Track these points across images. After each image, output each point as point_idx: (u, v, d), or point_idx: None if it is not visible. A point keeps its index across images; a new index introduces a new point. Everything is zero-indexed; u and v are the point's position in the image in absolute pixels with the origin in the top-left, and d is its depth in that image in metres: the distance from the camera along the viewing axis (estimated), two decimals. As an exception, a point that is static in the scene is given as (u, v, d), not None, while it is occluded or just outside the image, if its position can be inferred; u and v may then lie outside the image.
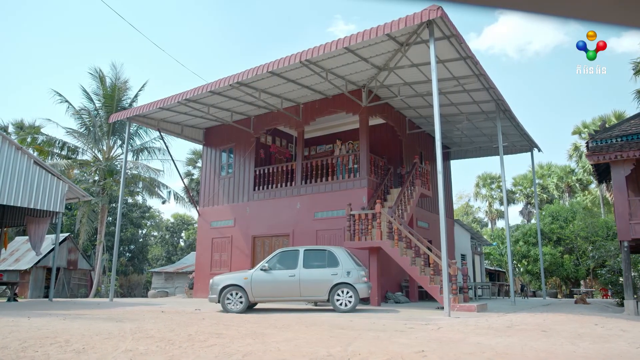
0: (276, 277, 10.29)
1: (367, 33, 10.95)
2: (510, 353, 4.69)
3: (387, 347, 5.14)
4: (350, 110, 15.47)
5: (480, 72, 12.79)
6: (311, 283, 10.21)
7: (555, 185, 41.64)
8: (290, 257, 10.60)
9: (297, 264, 10.34)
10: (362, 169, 14.87)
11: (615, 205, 11.18)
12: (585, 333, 6.13)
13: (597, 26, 1.07)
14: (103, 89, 25.29)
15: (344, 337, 5.96)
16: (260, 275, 10.31)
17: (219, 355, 4.60)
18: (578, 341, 5.40)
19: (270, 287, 10.25)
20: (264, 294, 10.29)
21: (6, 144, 13.31)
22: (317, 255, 10.62)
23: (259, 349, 4.96)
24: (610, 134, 12.45)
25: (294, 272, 10.26)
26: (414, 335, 6.17)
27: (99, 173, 25.25)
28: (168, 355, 4.62)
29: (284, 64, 12.45)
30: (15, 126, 32.52)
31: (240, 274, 10.58)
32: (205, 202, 18.89)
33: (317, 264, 10.42)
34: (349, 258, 10.50)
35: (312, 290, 10.23)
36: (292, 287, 10.17)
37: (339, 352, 4.81)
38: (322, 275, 10.25)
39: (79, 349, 4.92)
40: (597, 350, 4.79)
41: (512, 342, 5.41)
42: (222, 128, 18.78)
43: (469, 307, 10.61)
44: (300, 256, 10.47)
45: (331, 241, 14.78)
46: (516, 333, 6.32)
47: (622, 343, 5.23)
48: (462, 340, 5.73)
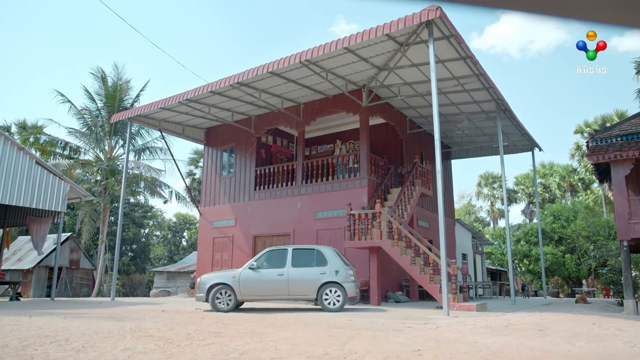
0: (265, 276, 10.26)
1: (367, 33, 10.98)
2: (506, 352, 4.72)
3: (384, 346, 5.17)
4: (350, 110, 15.50)
5: (480, 71, 12.80)
6: (300, 282, 10.22)
7: (558, 185, 41.60)
8: (279, 256, 10.57)
9: (286, 263, 10.35)
10: (363, 168, 14.90)
11: (615, 204, 11.18)
12: (582, 332, 6.15)
13: (597, 26, 1.07)
14: (105, 89, 25.39)
15: (341, 336, 5.99)
16: (249, 274, 10.26)
17: (216, 353, 4.64)
18: (574, 340, 5.43)
19: (258, 285, 10.22)
20: (252, 292, 10.26)
21: (8, 144, 13.39)
22: (306, 255, 10.64)
23: (256, 348, 5.00)
24: (610, 134, 12.44)
25: (283, 271, 10.25)
26: (411, 335, 6.20)
27: (100, 173, 25.34)
28: (166, 353, 4.66)
29: (284, 64, 12.49)
30: (18, 126, 32.69)
31: (228, 273, 10.51)
32: (207, 202, 18.95)
33: (305, 263, 10.45)
34: (337, 257, 10.54)
35: (301, 289, 10.25)
36: (280, 286, 10.16)
37: (336, 350, 4.85)
38: (311, 274, 10.26)
39: (78, 347, 4.97)
40: (592, 349, 4.81)
41: (508, 342, 5.44)
42: (223, 128, 18.83)
43: (468, 306, 10.64)
44: (289, 255, 10.48)
45: (332, 241, 14.84)
46: (513, 332, 6.34)
47: (618, 342, 5.25)
48: (459, 339, 5.76)
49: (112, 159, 25.42)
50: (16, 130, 32.45)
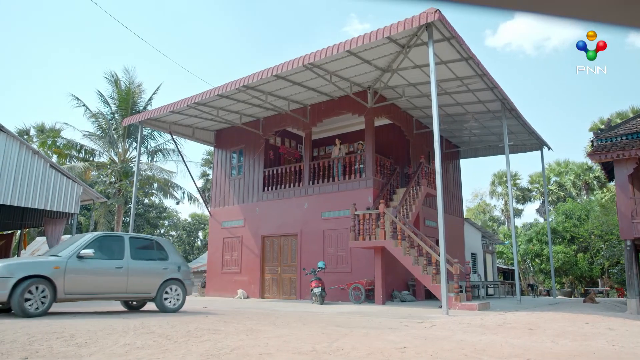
0: (98, 267, 8.40)
1: (368, 36, 11.15)
2: (488, 350, 4.87)
3: (372, 343, 5.35)
4: (356, 112, 15.66)
5: (482, 72, 12.85)
6: (141, 277, 8.87)
7: (573, 183, 41.09)
8: (114, 244, 8.90)
9: (124, 254, 8.81)
10: (368, 169, 15.06)
11: (618, 204, 11.15)
12: (570, 331, 6.25)
13: (597, 26, 1.07)
14: (118, 93, 25.97)
15: (335, 334, 6.19)
16: (78, 265, 8.11)
17: (209, 349, 4.88)
18: (559, 339, 5.54)
19: (91, 280, 8.30)
20: (81, 289, 8.21)
21: (24, 149, 13.90)
22: (145, 245, 9.41)
23: (248, 344, 5.23)
24: (615, 132, 12.39)
25: (122, 264, 8.65)
26: (403, 333, 6.37)
27: (114, 175, 25.93)
28: (162, 349, 4.92)
29: (288, 67, 12.72)
30: (37, 129, 33.63)
31: (45, 261, 7.99)
32: (217, 203, 19.30)
33: (146, 256, 9.20)
34: (175, 251, 9.63)
35: (142, 286, 8.92)
36: (118, 281, 8.56)
37: (324, 347, 5.05)
38: (154, 268, 9.10)
39: (81, 342, 5.26)
40: (573, 347, 4.93)
41: (495, 340, 5.58)
42: (232, 130, 19.16)
43: (470, 305, 10.74)
44: (127, 244, 8.94)
45: (338, 240, 15.05)
46: (504, 331, 6.47)
47: (602, 341, 5.35)
48: (448, 337, 5.92)
49: (125, 161, 25.98)
50: (35, 133, 33.39)
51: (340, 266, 14.93)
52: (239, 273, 17.64)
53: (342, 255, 14.98)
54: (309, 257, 15.50)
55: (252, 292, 17.03)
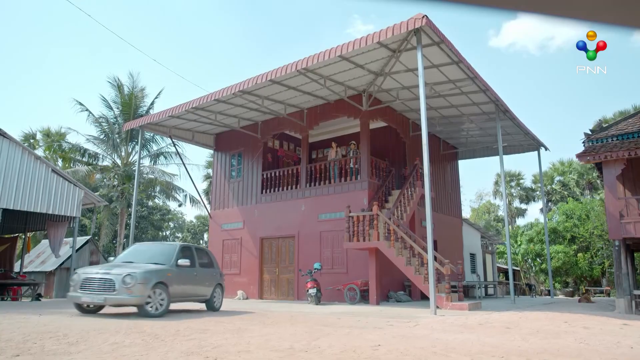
0: (186, 274, 9.50)
1: (358, 42, 11.37)
2: (458, 347, 5.08)
3: (350, 342, 5.58)
4: (351, 115, 15.89)
5: (474, 74, 13.03)
6: (204, 282, 9.88)
7: (576, 182, 41.02)
8: (188, 253, 9.86)
9: (195, 263, 9.87)
10: (363, 171, 15.27)
11: (606, 204, 11.28)
12: (545, 330, 6.44)
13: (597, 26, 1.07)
14: (121, 97, 26.37)
15: (317, 333, 6.42)
16: (177, 272, 9.23)
17: (191, 347, 5.13)
18: (530, 337, 5.74)
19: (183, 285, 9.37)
20: (178, 292, 9.22)
21: (26, 154, 14.27)
22: (201, 255, 10.37)
23: (230, 343, 5.47)
24: (606, 134, 12.52)
25: (195, 271, 9.76)
26: (384, 332, 6.59)
27: (117, 178, 26.32)
28: (147, 347, 5.18)
29: (282, 72, 12.97)
30: (43, 134, 34.14)
31: (162, 268, 8.99)
32: (216, 205, 19.60)
33: (204, 264, 10.14)
34: (216, 260, 10.47)
35: (204, 290, 9.93)
36: (194, 286, 9.69)
37: (302, 345, 5.29)
38: (211, 274, 9.98)
39: (72, 341, 5.53)
40: (540, 345, 5.13)
41: (469, 338, 5.78)
42: (231, 133, 19.45)
43: (461, 305, 10.92)
44: (195, 254, 10.02)
45: (334, 242, 15.26)
46: (481, 330, 6.67)
47: (570, 339, 5.54)
48: (426, 336, 6.13)
49: (128, 165, 26.37)
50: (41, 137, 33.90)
51: (336, 267, 15.15)
52: (238, 274, 17.91)
53: (338, 256, 15.20)
54: (306, 258, 15.74)
55: (251, 293, 17.30)
